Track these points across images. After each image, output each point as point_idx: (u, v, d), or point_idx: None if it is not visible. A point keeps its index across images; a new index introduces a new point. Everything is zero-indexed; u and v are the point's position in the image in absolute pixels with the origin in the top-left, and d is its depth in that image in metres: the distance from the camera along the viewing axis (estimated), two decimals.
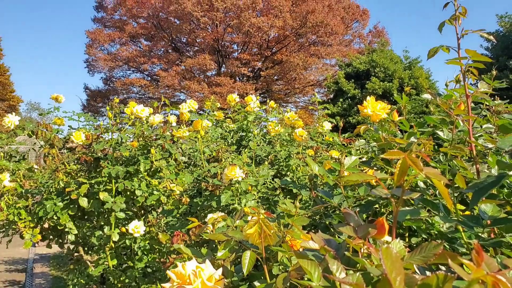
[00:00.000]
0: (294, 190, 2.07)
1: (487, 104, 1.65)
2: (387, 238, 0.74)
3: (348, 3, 22.36)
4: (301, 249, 0.82)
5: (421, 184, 1.32)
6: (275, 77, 22.70)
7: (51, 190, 2.43)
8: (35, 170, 2.88)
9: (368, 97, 1.59)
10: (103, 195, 2.32)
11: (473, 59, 1.12)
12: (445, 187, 0.66)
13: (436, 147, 1.64)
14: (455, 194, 1.03)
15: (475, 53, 1.09)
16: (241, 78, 21.97)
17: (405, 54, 15.43)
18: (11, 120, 2.68)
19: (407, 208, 0.97)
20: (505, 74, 14.94)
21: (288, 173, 2.69)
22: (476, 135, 1.49)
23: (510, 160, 1.16)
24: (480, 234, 0.93)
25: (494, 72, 1.49)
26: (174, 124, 2.82)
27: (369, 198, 1.36)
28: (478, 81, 1.55)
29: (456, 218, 0.90)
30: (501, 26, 19.43)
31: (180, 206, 2.15)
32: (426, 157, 0.69)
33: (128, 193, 2.45)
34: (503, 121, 1.15)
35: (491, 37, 1.18)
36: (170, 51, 22.73)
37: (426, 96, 1.60)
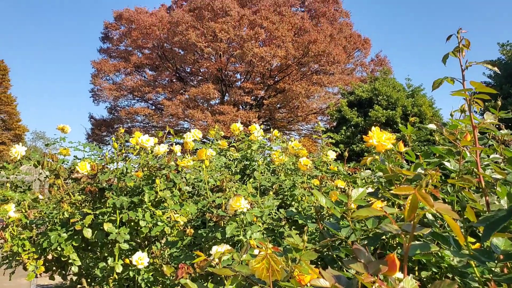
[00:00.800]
0: (300, 221, 2.04)
1: (493, 133, 1.65)
2: (398, 275, 0.73)
3: (349, 32, 22.77)
4: (310, 286, 0.80)
5: (429, 216, 1.31)
6: (278, 105, 22.89)
7: (55, 221, 2.42)
8: (40, 200, 2.87)
9: (373, 127, 1.60)
10: (107, 226, 2.30)
11: (478, 90, 1.13)
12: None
13: (442, 177, 1.63)
14: (466, 228, 1.01)
15: (480, 84, 1.10)
16: (244, 107, 22.18)
17: (407, 82, 15.56)
18: (18, 150, 2.69)
19: (417, 242, 0.95)
20: (508, 102, 15.00)
21: (293, 203, 2.67)
22: (483, 165, 1.49)
23: None
24: (492, 268, 0.91)
25: (499, 102, 1.49)
26: (179, 153, 2.83)
27: (377, 230, 1.34)
28: (483, 109, 1.56)
29: (467, 253, 0.88)
30: (502, 54, 19.68)
31: (185, 238, 2.13)
32: (436, 192, 0.68)
33: (132, 223, 2.43)
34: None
35: (495, 68, 1.20)
36: (174, 80, 23.08)
37: (432, 126, 1.60)
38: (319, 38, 19.88)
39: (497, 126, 1.67)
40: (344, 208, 1.17)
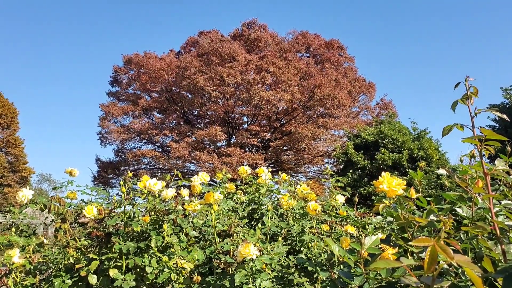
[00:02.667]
0: (310, 268, 1.99)
1: (504, 178, 1.64)
2: None
3: (354, 77, 23.23)
4: None
5: (444, 265, 1.27)
6: (284, 148, 22.99)
7: (60, 267, 2.37)
8: (44, 245, 2.84)
9: (383, 173, 1.59)
10: (113, 272, 2.26)
11: (489, 137, 1.13)
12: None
13: (454, 223, 1.60)
14: (483, 278, 0.98)
15: (491, 132, 1.11)
16: (250, 149, 22.28)
17: (413, 125, 15.66)
18: (25, 194, 2.69)
19: None
20: None
21: (302, 248, 2.62)
22: (496, 212, 1.46)
23: None
24: None
25: (509, 148, 1.49)
26: (186, 197, 2.81)
27: (390, 278, 1.31)
28: (491, 154, 1.56)
29: None
30: (506, 99, 19.91)
31: (192, 285, 2.07)
32: (455, 244, 0.67)
33: (138, 269, 2.38)
34: None
35: (504, 116, 1.21)
36: (181, 123, 23.39)
37: (441, 171, 1.60)
38: (324, 82, 20.27)
39: (506, 171, 1.66)
40: (357, 256, 1.14)
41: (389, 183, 1.49)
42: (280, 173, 3.77)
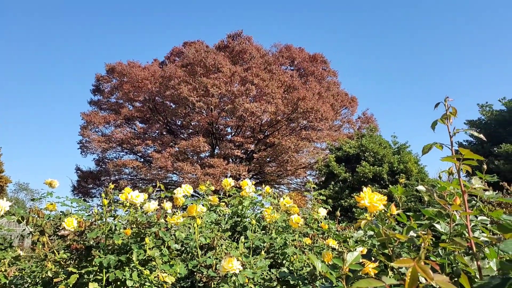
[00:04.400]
0: (292, 282, 2.00)
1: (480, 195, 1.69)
2: None
3: (337, 91, 23.56)
4: None
5: (423, 280, 1.30)
6: (268, 159, 23.03)
7: (37, 280, 2.32)
8: (21, 258, 2.77)
9: (364, 188, 1.62)
10: (92, 286, 2.22)
11: (467, 156, 1.17)
12: None
13: (433, 239, 1.64)
14: None
15: (469, 152, 1.15)
16: (234, 160, 22.25)
17: (393, 139, 15.92)
18: (2, 206, 2.63)
19: None
20: (490, 160, 15.37)
21: (285, 261, 2.63)
22: (472, 227, 1.51)
23: None
24: None
25: (485, 167, 1.54)
26: (169, 211, 2.79)
27: None
28: (469, 171, 1.61)
29: None
30: (482, 115, 20.51)
31: None
32: (435, 265, 0.69)
33: (119, 283, 2.34)
34: (506, 224, 1.16)
35: (481, 135, 1.26)
36: (164, 133, 23.23)
37: (421, 188, 1.64)
38: (307, 95, 20.49)
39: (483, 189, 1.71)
40: (339, 272, 1.16)
41: (371, 199, 1.52)
42: (263, 185, 3.79)
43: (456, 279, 1.08)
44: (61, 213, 2.89)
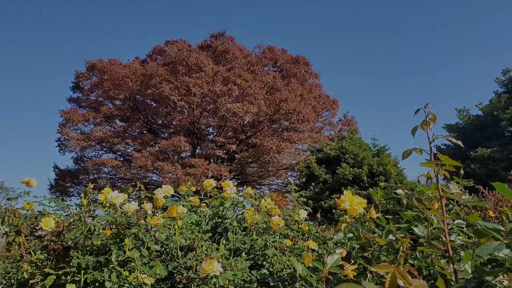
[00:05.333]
0: (272, 283, 2.01)
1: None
2: None
3: (319, 93, 23.75)
4: None
5: (401, 284, 1.33)
6: (249, 160, 23.03)
7: (12, 282, 2.27)
8: None
9: (345, 191, 1.65)
10: (70, 287, 2.18)
11: (445, 162, 1.20)
12: None
13: (411, 242, 1.68)
14: None
15: (447, 158, 1.18)
16: (215, 160, 22.16)
17: (373, 142, 16.16)
18: None
19: None
20: (466, 164, 15.77)
21: (265, 263, 2.64)
22: (449, 230, 1.55)
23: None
24: None
25: (462, 172, 1.59)
26: (149, 212, 2.77)
27: None
28: (446, 175, 1.66)
29: None
30: (460, 119, 21.01)
31: None
32: (414, 270, 0.71)
33: (97, 284, 2.31)
34: (481, 229, 1.19)
35: (459, 142, 1.29)
36: (145, 132, 22.96)
37: (400, 191, 1.68)
38: (290, 97, 20.59)
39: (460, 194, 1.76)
40: (320, 275, 1.17)
41: (351, 202, 1.54)
42: (245, 186, 3.79)
43: (433, 282, 1.10)
44: (38, 213, 2.83)
